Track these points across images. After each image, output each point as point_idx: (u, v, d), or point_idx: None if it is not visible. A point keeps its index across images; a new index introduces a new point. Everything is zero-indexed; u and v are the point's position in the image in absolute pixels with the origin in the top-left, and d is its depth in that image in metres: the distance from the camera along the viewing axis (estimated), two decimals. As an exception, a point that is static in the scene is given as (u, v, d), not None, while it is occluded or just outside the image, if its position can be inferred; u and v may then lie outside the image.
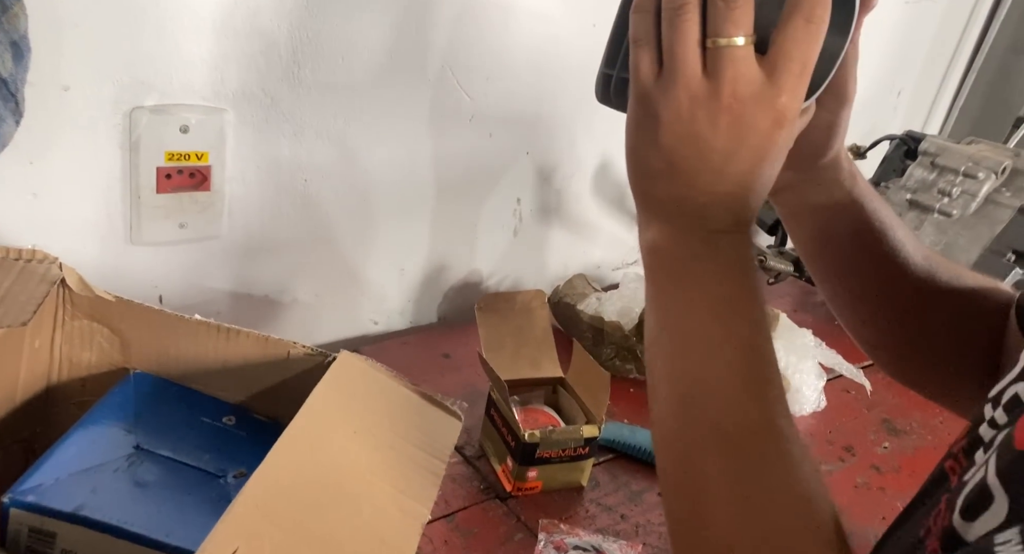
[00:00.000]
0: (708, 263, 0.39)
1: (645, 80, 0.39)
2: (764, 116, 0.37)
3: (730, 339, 0.38)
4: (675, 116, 0.37)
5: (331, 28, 0.69)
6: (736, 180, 0.38)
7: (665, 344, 0.40)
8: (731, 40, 0.36)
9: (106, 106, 0.61)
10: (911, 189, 0.94)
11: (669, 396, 0.39)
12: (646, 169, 0.40)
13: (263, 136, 0.70)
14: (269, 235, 0.75)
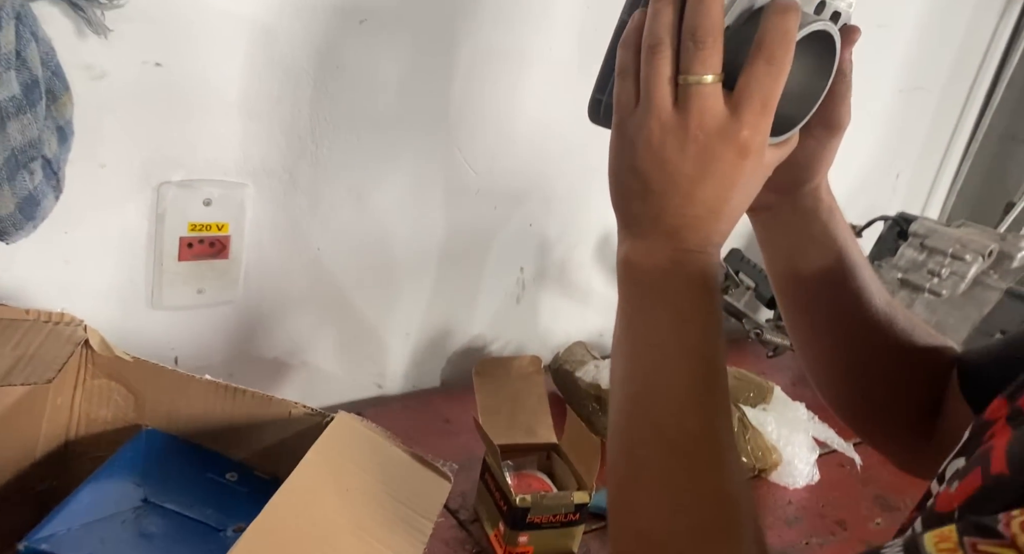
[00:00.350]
0: (673, 278, 0.43)
1: (625, 109, 0.43)
2: (728, 147, 0.41)
3: (682, 349, 0.42)
4: (647, 143, 0.42)
5: (347, 110, 0.75)
6: (704, 205, 0.42)
7: (626, 348, 0.44)
8: (700, 78, 0.40)
9: (137, 181, 0.66)
10: (902, 269, 0.97)
11: (622, 395, 0.44)
12: (624, 190, 0.44)
13: (281, 209, 0.75)
14: (282, 300, 0.79)
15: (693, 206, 0.42)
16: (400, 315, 0.90)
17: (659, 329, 0.43)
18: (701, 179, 0.41)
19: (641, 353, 0.43)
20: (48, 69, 0.53)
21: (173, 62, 0.64)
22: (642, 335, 0.44)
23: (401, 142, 0.81)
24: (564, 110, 0.91)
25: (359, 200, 0.80)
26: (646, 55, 0.42)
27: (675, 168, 0.41)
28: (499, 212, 0.93)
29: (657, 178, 0.42)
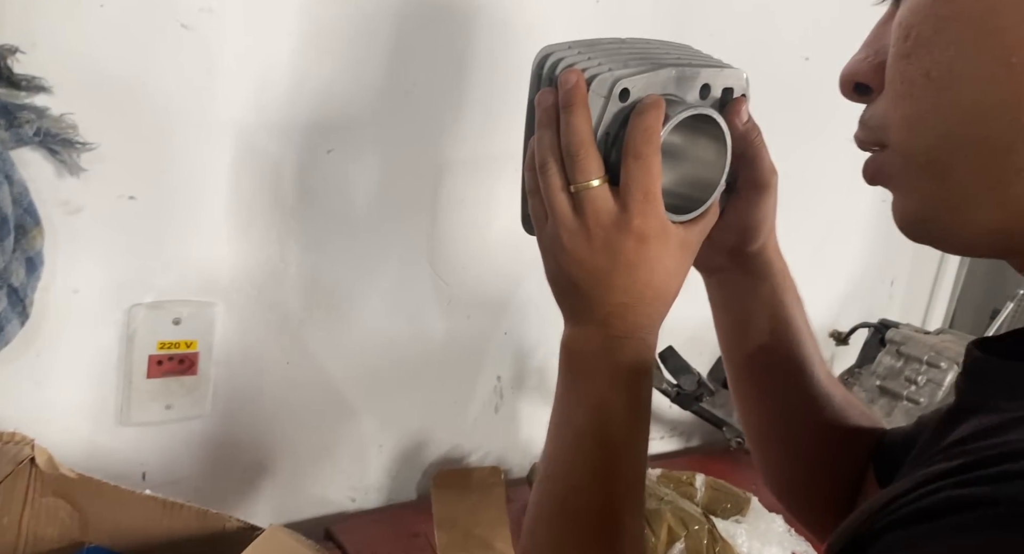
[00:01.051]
0: (602, 364, 0.46)
1: (540, 222, 0.49)
2: (626, 238, 0.45)
3: (595, 434, 0.45)
4: (562, 247, 0.46)
5: (316, 230, 0.79)
6: (625, 292, 0.46)
7: (551, 429, 0.48)
8: (585, 184, 0.45)
9: (109, 305, 0.70)
10: (881, 376, 0.96)
11: (541, 473, 0.47)
12: (559, 289, 0.49)
13: (249, 325, 0.79)
14: (251, 414, 0.81)
15: (614, 294, 0.46)
16: (373, 427, 0.91)
17: (580, 413, 0.46)
18: (613, 269, 0.46)
19: (563, 433, 0.47)
20: (20, 207, 0.58)
21: (146, 194, 0.69)
22: (566, 416, 0.47)
23: (371, 257, 0.84)
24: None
25: (329, 314, 0.83)
26: (540, 175, 0.48)
27: (589, 264, 0.46)
28: (473, 321, 0.95)
29: (578, 275, 0.46)
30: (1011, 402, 0.33)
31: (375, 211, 0.83)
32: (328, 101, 0.76)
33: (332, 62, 0.75)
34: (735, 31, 1.03)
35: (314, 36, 0.73)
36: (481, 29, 0.83)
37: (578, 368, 0.47)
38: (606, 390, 0.46)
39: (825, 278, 1.34)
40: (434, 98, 0.83)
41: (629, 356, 0.47)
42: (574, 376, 0.47)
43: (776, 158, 0.57)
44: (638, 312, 0.47)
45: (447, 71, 0.83)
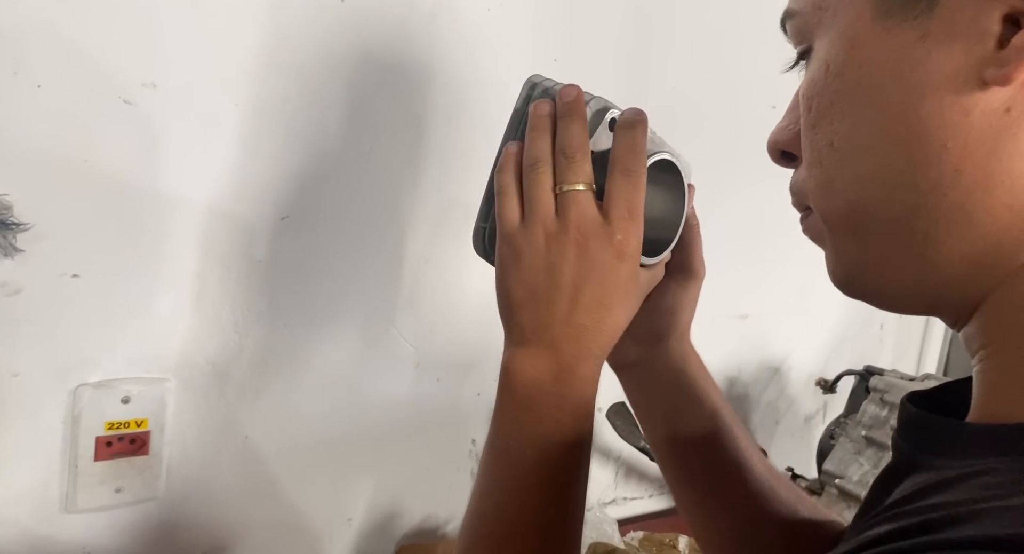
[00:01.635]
0: (547, 395, 0.44)
1: (509, 224, 0.47)
2: (605, 249, 0.44)
3: (540, 470, 0.42)
4: (534, 249, 0.45)
5: (271, 300, 0.77)
6: (588, 311, 0.44)
7: (487, 461, 0.45)
8: (573, 186, 0.45)
9: (52, 386, 0.68)
10: (866, 425, 0.93)
11: (473, 509, 0.44)
12: (511, 302, 0.46)
13: (204, 400, 0.76)
14: (208, 493, 0.78)
15: (577, 313, 0.44)
16: (341, 500, 0.88)
17: (521, 445, 0.43)
18: (583, 282, 0.44)
19: (502, 468, 0.44)
20: (-51, 293, 0.56)
21: (91, 271, 0.67)
22: (505, 449, 0.44)
23: (331, 324, 0.82)
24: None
25: (288, 384, 0.81)
26: (527, 172, 0.47)
27: (559, 271, 0.45)
28: (443, 384, 0.93)
29: (543, 284, 0.45)
30: (940, 459, 0.32)
31: (334, 276, 0.81)
32: (281, 168, 0.75)
33: (284, 129, 0.74)
34: (699, 83, 1.03)
35: (263, 105, 0.72)
36: (437, 88, 0.83)
37: (522, 396, 0.44)
38: (551, 424, 0.43)
39: (812, 324, 1.32)
40: (393, 158, 0.82)
41: (578, 389, 0.44)
42: (516, 405, 0.45)
43: (748, 205, 0.57)
44: (593, 338, 0.45)
45: (405, 131, 0.82)
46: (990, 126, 0.30)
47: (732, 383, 1.24)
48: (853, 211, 0.34)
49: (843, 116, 0.33)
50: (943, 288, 0.34)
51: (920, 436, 0.35)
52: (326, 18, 0.74)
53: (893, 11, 0.32)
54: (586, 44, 0.92)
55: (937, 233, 0.32)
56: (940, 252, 0.32)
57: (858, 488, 0.89)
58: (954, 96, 0.30)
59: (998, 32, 0.29)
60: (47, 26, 0.61)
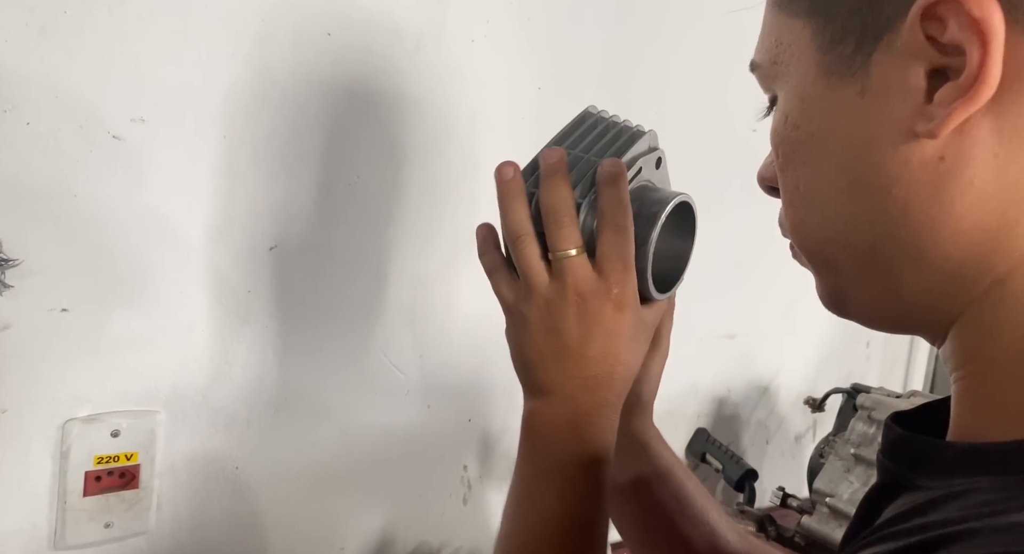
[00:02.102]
0: (569, 443, 0.46)
1: (508, 298, 0.50)
2: (604, 305, 0.47)
3: (561, 517, 0.45)
4: (538, 315, 0.48)
5: (261, 329, 0.78)
6: (597, 363, 0.47)
7: (511, 508, 0.47)
8: (566, 252, 0.47)
9: (41, 422, 0.68)
10: (855, 443, 0.94)
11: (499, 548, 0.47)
12: (525, 361, 0.49)
13: (194, 431, 0.76)
14: (199, 526, 0.78)
15: (587, 366, 0.47)
16: (333, 529, 0.87)
17: (544, 492, 0.46)
18: (589, 337, 0.47)
19: (525, 514, 0.46)
20: (-62, 330, 0.56)
21: (80, 306, 0.68)
22: (527, 495, 0.47)
23: (321, 352, 0.83)
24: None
25: (278, 414, 0.81)
26: (513, 246, 0.50)
27: (564, 332, 0.47)
28: (434, 410, 0.93)
29: (551, 344, 0.47)
30: (924, 478, 0.33)
31: (323, 304, 0.81)
32: (268, 199, 0.76)
33: (270, 161, 0.75)
34: (681, 107, 1.05)
35: (249, 138, 0.73)
36: (423, 118, 0.84)
37: (542, 446, 0.47)
38: (573, 470, 0.45)
39: (798, 343, 1.33)
40: (379, 188, 0.83)
41: (595, 436, 0.46)
42: (537, 454, 0.47)
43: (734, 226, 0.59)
44: (607, 387, 0.47)
45: (391, 161, 0.83)
46: (928, 174, 0.31)
47: (722, 403, 1.24)
48: (823, 248, 0.37)
49: (804, 164, 0.36)
50: (912, 315, 0.36)
51: (904, 456, 0.35)
52: (312, 52, 0.75)
53: (835, 69, 0.34)
54: (568, 72, 0.94)
55: (897, 268, 0.34)
56: (903, 284, 0.34)
57: (848, 506, 0.90)
58: (893, 148, 0.32)
59: (924, 87, 0.31)
60: (37, 64, 0.62)
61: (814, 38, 0.35)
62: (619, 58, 0.98)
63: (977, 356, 0.33)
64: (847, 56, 0.33)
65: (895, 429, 0.37)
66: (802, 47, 0.35)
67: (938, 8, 0.30)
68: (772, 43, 0.38)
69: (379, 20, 0.79)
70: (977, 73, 0.29)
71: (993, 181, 0.31)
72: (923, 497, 0.31)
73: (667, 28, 1.02)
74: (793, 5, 0.36)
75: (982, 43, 0.29)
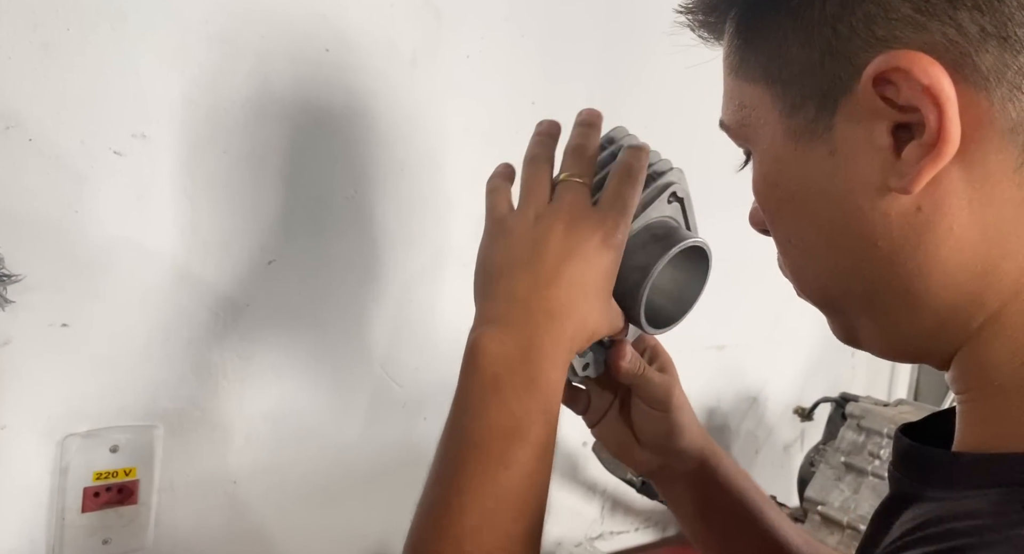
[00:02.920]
0: (516, 375, 0.43)
1: (501, 211, 0.49)
2: (593, 232, 0.46)
3: (500, 456, 0.42)
4: (524, 226, 0.47)
5: (259, 344, 0.78)
6: (567, 287, 0.45)
7: (444, 444, 0.45)
8: (572, 177, 0.48)
9: (40, 438, 0.67)
10: (844, 452, 0.96)
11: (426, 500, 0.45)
12: (490, 269, 0.47)
13: (192, 446, 0.76)
14: (197, 541, 0.77)
15: (556, 286, 0.45)
16: (331, 543, 0.87)
17: (487, 430, 0.43)
18: (568, 257, 0.45)
19: (463, 453, 0.43)
20: (-60, 347, 0.56)
21: (80, 321, 0.68)
22: (466, 433, 0.44)
23: (319, 365, 0.83)
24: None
25: (277, 427, 0.81)
26: (526, 165, 0.50)
27: (545, 242, 0.46)
28: (431, 423, 0.93)
29: (527, 254, 0.46)
30: (935, 489, 0.34)
31: (321, 318, 0.82)
32: (267, 213, 0.76)
33: (269, 176, 0.76)
34: (671, 123, 1.07)
35: (249, 153, 0.74)
36: (419, 133, 0.85)
37: (489, 376, 0.43)
38: (518, 408, 0.42)
39: (785, 353, 1.35)
40: (377, 202, 0.83)
41: (547, 370, 0.44)
42: (482, 385, 0.44)
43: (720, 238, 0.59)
44: (567, 319, 0.45)
45: (388, 175, 0.84)
46: (909, 224, 0.33)
47: (712, 413, 1.26)
48: (824, 295, 0.39)
49: (791, 220, 0.37)
50: (918, 350, 0.37)
51: (914, 467, 0.36)
52: (311, 68, 0.76)
53: (801, 133, 0.35)
54: (561, 88, 0.95)
55: (894, 311, 0.35)
56: (901, 326, 0.36)
57: (840, 514, 0.91)
58: (871, 203, 0.33)
59: (890, 143, 0.32)
60: (39, 80, 0.62)
61: (775, 103, 0.36)
62: (611, 73, 1.00)
63: (979, 384, 0.34)
64: (810, 120, 0.34)
65: (904, 440, 0.38)
66: (765, 111, 0.36)
67: (888, 74, 0.31)
68: (736, 107, 0.38)
69: (376, 36, 0.80)
70: (937, 134, 0.30)
71: (971, 225, 0.32)
72: (938, 507, 0.32)
73: (659, 44, 1.04)
74: (749, 71, 0.37)
75: (936, 107, 0.30)
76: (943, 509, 0.31)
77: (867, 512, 0.89)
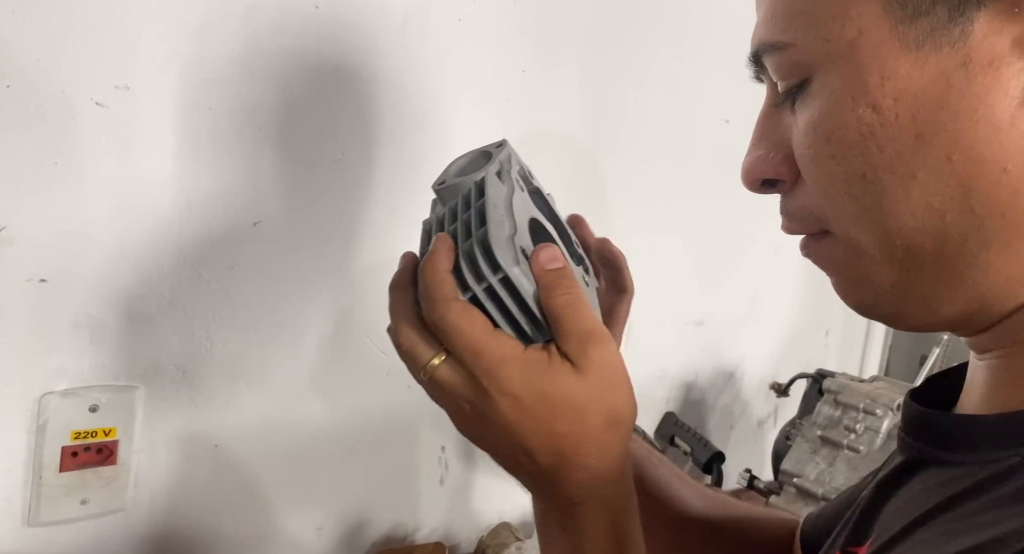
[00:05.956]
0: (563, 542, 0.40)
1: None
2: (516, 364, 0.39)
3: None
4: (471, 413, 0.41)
5: (243, 306, 0.77)
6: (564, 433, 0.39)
7: None
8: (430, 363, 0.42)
9: (17, 395, 0.66)
10: (821, 426, 0.97)
11: None
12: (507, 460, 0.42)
13: (173, 408, 0.75)
14: (177, 504, 0.76)
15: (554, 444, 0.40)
16: (311, 508, 0.87)
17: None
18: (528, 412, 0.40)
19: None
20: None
21: (59, 276, 0.66)
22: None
23: (302, 330, 0.82)
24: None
25: (259, 392, 0.80)
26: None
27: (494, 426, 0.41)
28: (413, 391, 0.91)
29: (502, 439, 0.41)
30: (952, 453, 0.33)
31: (306, 282, 0.81)
32: (253, 173, 0.75)
33: (255, 134, 0.74)
34: (658, 97, 1.07)
35: (236, 110, 0.72)
36: (409, 96, 0.84)
37: (545, 541, 0.42)
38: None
39: (761, 331, 1.36)
40: (365, 166, 0.82)
41: (594, 523, 0.40)
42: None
43: (703, 217, 0.59)
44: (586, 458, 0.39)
45: (377, 138, 0.83)
46: None
47: (689, 388, 1.27)
48: (893, 240, 0.33)
49: (881, 148, 0.32)
50: (979, 311, 0.34)
51: (928, 432, 0.36)
52: (299, 23, 0.74)
53: (922, 42, 0.31)
54: (551, 57, 0.94)
55: (988, 255, 0.32)
56: (987, 274, 0.32)
57: (816, 486, 0.93)
58: (1010, 120, 0.30)
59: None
60: (18, 26, 0.60)
61: (886, 10, 0.31)
62: (602, 43, 0.99)
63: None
64: (939, 26, 0.30)
65: (914, 406, 0.37)
66: (869, 19, 0.32)
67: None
68: (807, 20, 0.33)
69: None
70: None
71: None
72: (967, 471, 0.31)
73: (650, 14, 1.04)
74: None
75: None
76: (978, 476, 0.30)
77: (842, 484, 0.91)
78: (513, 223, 0.43)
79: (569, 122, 0.99)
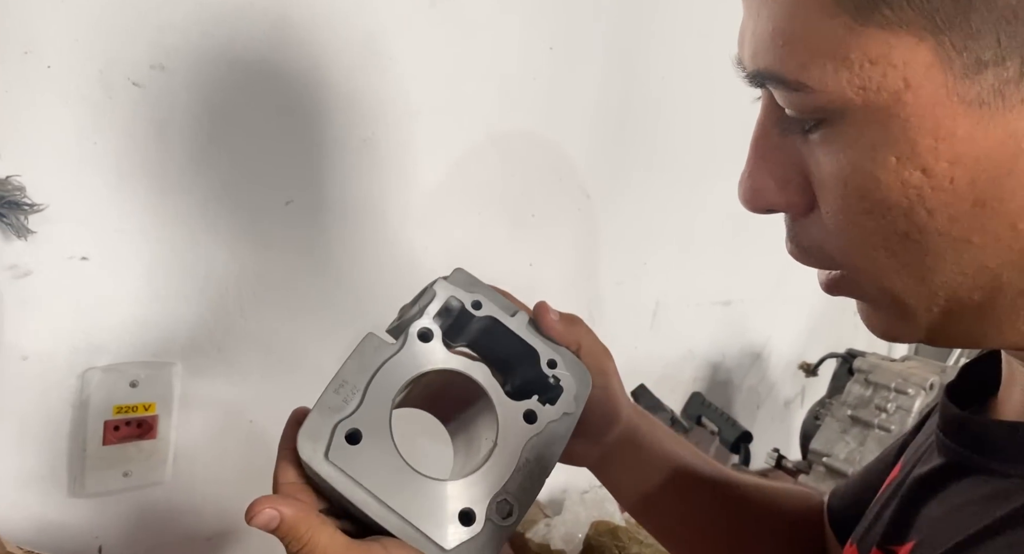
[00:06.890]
0: None
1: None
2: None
3: None
4: None
5: (276, 283, 0.78)
6: None
7: None
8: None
9: (61, 370, 0.67)
10: (851, 405, 0.97)
11: None
12: None
13: (210, 383, 0.76)
14: (214, 477, 0.78)
15: None
16: (343, 483, 0.88)
17: None
18: None
19: None
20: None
21: (100, 254, 0.67)
22: None
23: (333, 309, 0.83)
24: (513, 260, 0.94)
25: (291, 368, 0.81)
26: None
27: None
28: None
29: None
30: (998, 463, 0.32)
31: (335, 261, 0.82)
32: (286, 152, 0.75)
33: (286, 115, 0.75)
34: (685, 75, 1.06)
35: (265, 90, 0.73)
36: (436, 78, 0.84)
37: None
38: None
39: (789, 311, 1.36)
40: (392, 146, 0.83)
41: None
42: None
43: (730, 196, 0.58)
44: None
45: (404, 118, 0.83)
46: None
47: (716, 368, 1.27)
48: (940, 292, 0.31)
49: (931, 212, 0.29)
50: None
51: (971, 437, 0.35)
52: (329, 2, 0.74)
53: (985, 99, 0.27)
54: (580, 35, 0.94)
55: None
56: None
57: (845, 465, 0.93)
58: None
59: None
60: (57, 6, 0.61)
61: (944, 60, 0.27)
62: (629, 22, 0.98)
63: None
64: (1009, 80, 0.27)
65: (954, 409, 0.36)
66: (918, 69, 0.28)
67: None
68: (840, 61, 0.29)
69: (396, -26, 0.78)
70: None
71: None
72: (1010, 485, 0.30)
73: (677, -7, 1.02)
74: (894, 14, 0.28)
75: None
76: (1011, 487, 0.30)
77: (871, 463, 0.90)
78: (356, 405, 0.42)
79: (596, 100, 0.98)
